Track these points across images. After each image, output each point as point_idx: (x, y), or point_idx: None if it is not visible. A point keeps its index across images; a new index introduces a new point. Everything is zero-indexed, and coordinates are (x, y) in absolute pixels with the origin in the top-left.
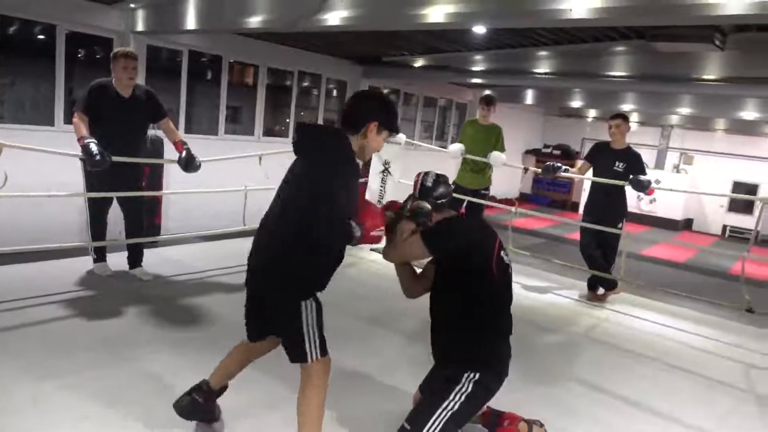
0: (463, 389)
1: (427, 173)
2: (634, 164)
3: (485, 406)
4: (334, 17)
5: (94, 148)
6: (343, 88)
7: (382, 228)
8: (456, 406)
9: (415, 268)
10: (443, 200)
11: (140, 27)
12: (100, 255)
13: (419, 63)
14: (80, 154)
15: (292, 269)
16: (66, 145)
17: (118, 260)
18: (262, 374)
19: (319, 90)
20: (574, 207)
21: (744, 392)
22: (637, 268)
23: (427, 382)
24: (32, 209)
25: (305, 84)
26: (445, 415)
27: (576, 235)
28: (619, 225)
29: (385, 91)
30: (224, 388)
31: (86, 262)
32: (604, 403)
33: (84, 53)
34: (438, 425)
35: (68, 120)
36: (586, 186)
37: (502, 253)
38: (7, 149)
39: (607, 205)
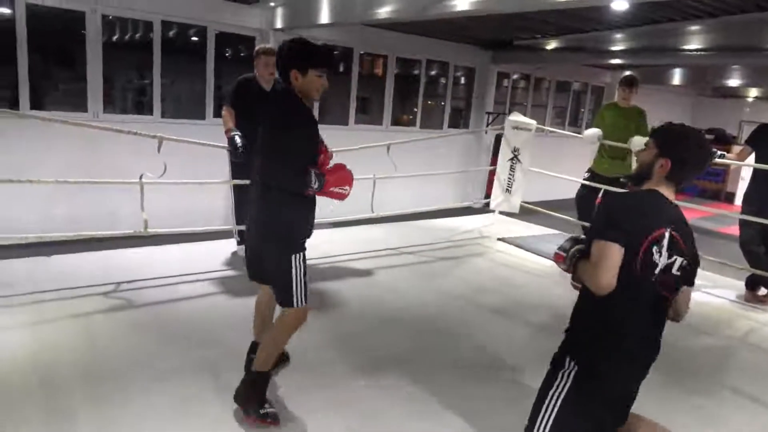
0: (562, 382)
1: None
2: None
3: None
4: (463, 2)
5: (238, 140)
6: (471, 75)
7: (346, 187)
8: (558, 405)
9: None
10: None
11: (279, 24)
12: (242, 238)
13: (552, 45)
14: (227, 145)
15: (281, 228)
16: (215, 136)
17: None
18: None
19: (446, 78)
20: (729, 198)
21: None
22: None
23: None
24: (185, 195)
25: (433, 72)
26: (550, 414)
27: (731, 229)
28: None
29: (515, 76)
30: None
31: (231, 244)
32: (760, 416)
33: (230, 52)
34: (546, 423)
35: (217, 114)
36: (745, 175)
37: (656, 253)
38: (165, 141)
39: None
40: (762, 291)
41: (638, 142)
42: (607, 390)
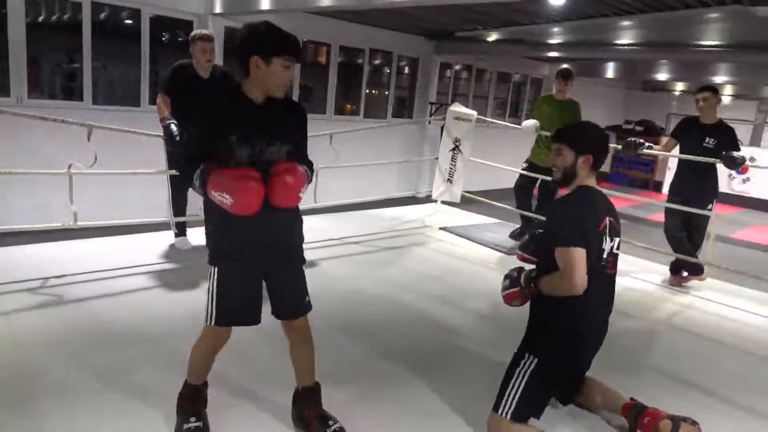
0: (524, 369)
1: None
2: (726, 140)
3: (629, 398)
4: None
5: (174, 129)
6: (414, 65)
7: (226, 195)
8: (522, 384)
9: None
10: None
11: (218, 9)
12: (180, 230)
13: (493, 37)
14: (162, 134)
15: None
16: (151, 123)
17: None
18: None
19: (390, 67)
20: (657, 186)
21: None
22: (727, 252)
23: None
24: (119, 186)
25: (377, 62)
26: (516, 392)
27: (658, 217)
28: (709, 206)
29: (457, 67)
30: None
31: (168, 237)
32: (684, 395)
33: (167, 36)
34: (512, 402)
35: (153, 100)
36: (671, 164)
37: (606, 240)
38: (95, 129)
39: (696, 185)
40: (684, 274)
41: None
42: (568, 371)
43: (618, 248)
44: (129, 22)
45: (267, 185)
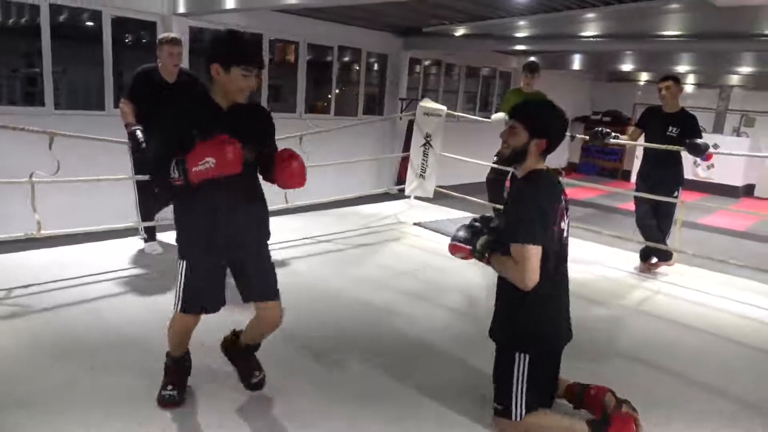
0: (520, 366)
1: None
2: (689, 127)
3: (570, 381)
4: None
5: (140, 135)
6: (383, 61)
7: (208, 159)
8: (524, 380)
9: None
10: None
11: (181, 9)
12: (150, 235)
13: (461, 32)
14: (127, 140)
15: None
16: (116, 128)
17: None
18: None
19: (359, 64)
20: (625, 175)
21: None
22: (693, 237)
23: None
24: (84, 193)
25: (346, 59)
26: (522, 393)
27: (627, 205)
28: (675, 193)
29: (426, 62)
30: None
31: (137, 243)
32: (653, 378)
33: (130, 37)
34: (521, 396)
35: (117, 104)
36: (639, 153)
37: (562, 224)
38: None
39: (662, 173)
40: (654, 260)
41: None
42: (555, 355)
43: (568, 229)
44: (90, 24)
45: (274, 170)
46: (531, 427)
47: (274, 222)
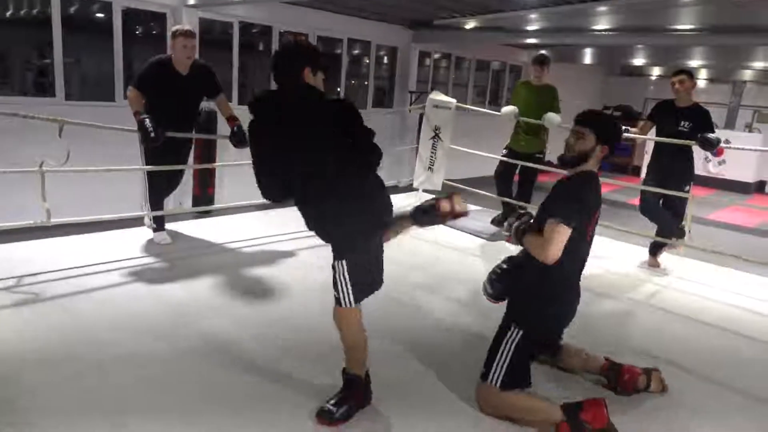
0: (511, 338)
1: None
2: (701, 123)
3: (604, 359)
4: None
5: (148, 124)
6: (393, 55)
7: None
8: (510, 352)
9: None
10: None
11: (191, 0)
12: (159, 225)
13: (471, 25)
14: (136, 129)
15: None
16: (127, 118)
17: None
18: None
19: (369, 57)
20: (636, 171)
21: None
22: (704, 233)
23: None
24: (94, 182)
25: (356, 52)
26: (504, 361)
27: (637, 201)
28: (686, 188)
29: (436, 55)
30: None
31: (146, 232)
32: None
33: (140, 29)
34: (501, 365)
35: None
36: (649, 148)
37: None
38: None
39: (672, 167)
40: (662, 256)
41: (551, 118)
42: (550, 338)
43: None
44: (100, 15)
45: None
46: (506, 404)
47: (285, 213)
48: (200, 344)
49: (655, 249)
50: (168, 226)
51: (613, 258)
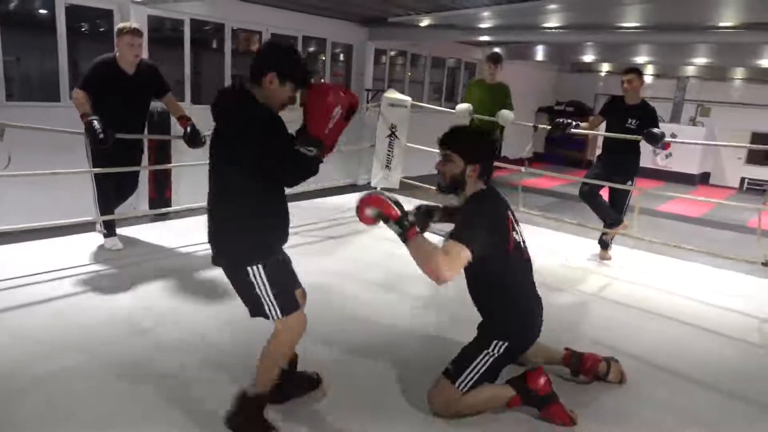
0: (492, 353)
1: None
2: (647, 120)
3: (564, 350)
4: None
5: (97, 125)
6: (349, 52)
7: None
8: (486, 365)
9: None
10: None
11: None
12: (110, 230)
13: (425, 22)
14: (83, 131)
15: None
16: (72, 119)
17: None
18: None
19: (325, 55)
20: (589, 165)
21: (759, 347)
22: (652, 224)
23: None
24: (39, 187)
25: (311, 49)
26: (478, 372)
27: None
28: (630, 182)
29: (392, 53)
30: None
31: (97, 238)
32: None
33: (85, 26)
34: (471, 380)
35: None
36: (600, 143)
37: (514, 233)
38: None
39: (618, 163)
40: (610, 251)
41: (505, 115)
42: (530, 344)
43: (524, 237)
44: (43, 11)
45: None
46: (465, 405)
47: None
48: (152, 350)
49: (605, 243)
50: (123, 231)
51: (565, 252)
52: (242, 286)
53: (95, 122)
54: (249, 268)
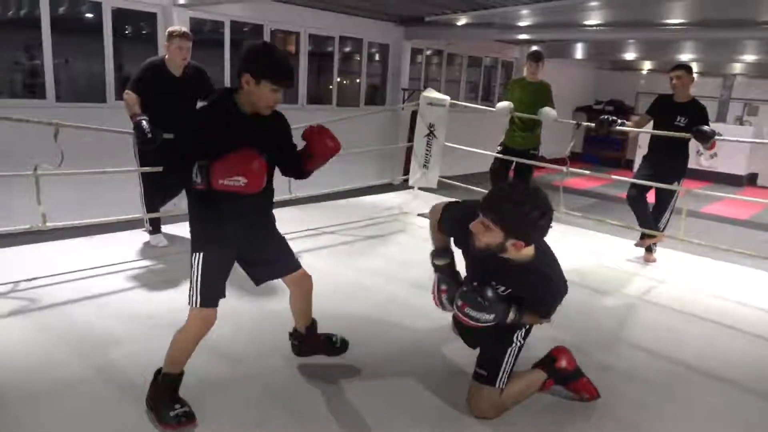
0: (516, 344)
1: None
2: (697, 118)
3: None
4: None
5: (145, 125)
6: (385, 52)
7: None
8: (514, 356)
9: None
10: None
11: (182, 0)
12: (155, 227)
13: (462, 21)
14: (132, 131)
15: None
16: (118, 119)
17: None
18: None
19: (361, 54)
20: (628, 165)
21: None
22: (697, 226)
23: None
24: (88, 185)
25: (347, 49)
26: (509, 367)
27: None
28: (676, 183)
29: (428, 52)
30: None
31: (142, 235)
32: (660, 368)
33: (130, 29)
34: (506, 376)
35: (119, 96)
36: (642, 143)
37: None
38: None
39: (667, 162)
40: (655, 254)
41: (547, 113)
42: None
43: None
44: (90, 15)
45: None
46: (506, 400)
47: (276, 213)
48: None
49: (646, 246)
50: (168, 229)
51: (608, 253)
52: (189, 268)
53: (143, 122)
54: (193, 254)
